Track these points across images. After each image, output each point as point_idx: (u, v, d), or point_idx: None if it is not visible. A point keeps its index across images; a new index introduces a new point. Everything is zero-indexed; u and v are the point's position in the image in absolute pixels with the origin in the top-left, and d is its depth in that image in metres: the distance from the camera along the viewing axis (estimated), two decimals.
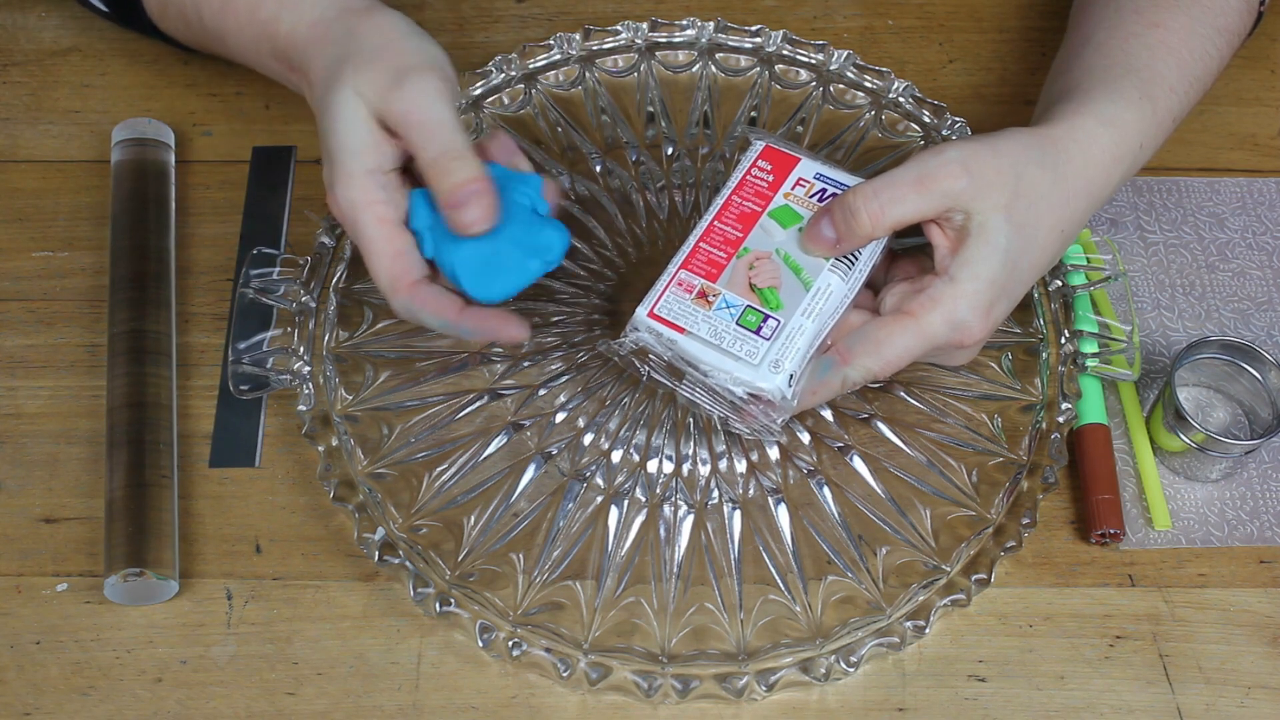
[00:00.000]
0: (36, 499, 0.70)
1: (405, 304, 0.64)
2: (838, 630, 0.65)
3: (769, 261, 0.64)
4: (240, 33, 0.70)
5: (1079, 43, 0.71)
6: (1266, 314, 0.76)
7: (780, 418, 0.63)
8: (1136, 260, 0.78)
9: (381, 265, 0.63)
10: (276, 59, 0.69)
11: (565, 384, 0.71)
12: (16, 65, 0.84)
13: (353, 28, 0.65)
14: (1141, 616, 0.67)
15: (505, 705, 0.65)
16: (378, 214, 0.63)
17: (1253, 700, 0.65)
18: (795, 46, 0.80)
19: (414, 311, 0.64)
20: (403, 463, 0.69)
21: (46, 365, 0.74)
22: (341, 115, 0.63)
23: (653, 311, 0.64)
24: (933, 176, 0.61)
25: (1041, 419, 0.69)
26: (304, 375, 0.70)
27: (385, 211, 0.63)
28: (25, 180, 0.80)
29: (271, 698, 0.65)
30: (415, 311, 0.64)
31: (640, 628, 0.65)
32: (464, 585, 0.65)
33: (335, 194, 0.63)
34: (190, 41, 0.77)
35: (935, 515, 0.68)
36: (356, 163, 0.63)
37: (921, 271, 0.65)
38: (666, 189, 0.78)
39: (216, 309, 0.76)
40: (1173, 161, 0.80)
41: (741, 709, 0.65)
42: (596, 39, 0.80)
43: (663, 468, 0.69)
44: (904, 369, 0.63)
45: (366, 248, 0.63)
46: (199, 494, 0.70)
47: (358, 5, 0.67)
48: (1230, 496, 0.71)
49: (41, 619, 0.67)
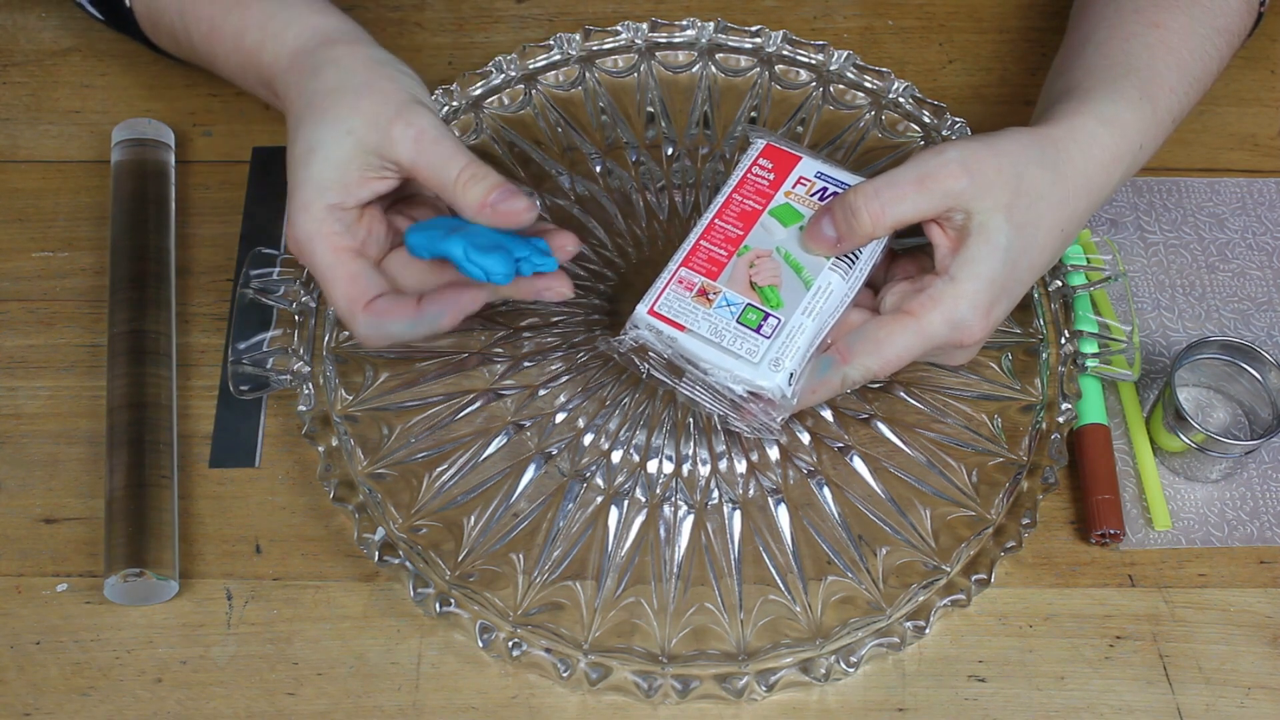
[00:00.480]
0: (36, 499, 0.70)
1: (366, 323, 0.63)
2: (838, 630, 0.65)
3: (770, 260, 0.64)
4: (228, 58, 0.71)
5: (1079, 42, 0.71)
6: (1266, 314, 0.76)
7: (780, 416, 0.63)
8: (1136, 260, 0.78)
9: (338, 290, 0.63)
10: (262, 85, 0.70)
11: (565, 384, 0.71)
12: (16, 65, 0.84)
13: (335, 59, 0.65)
14: (1141, 617, 0.67)
15: (505, 705, 0.65)
16: (333, 244, 0.63)
17: (1253, 700, 0.65)
18: (795, 47, 0.80)
19: (377, 325, 0.63)
20: (403, 463, 0.68)
21: (46, 365, 0.74)
22: (320, 150, 0.63)
23: (653, 309, 0.64)
24: (934, 176, 0.61)
25: (1041, 419, 0.69)
26: (304, 375, 0.70)
27: (340, 241, 0.63)
28: (25, 180, 0.80)
29: (271, 698, 0.65)
30: (378, 325, 0.63)
31: (640, 628, 0.65)
32: (464, 585, 0.65)
33: (293, 225, 0.63)
34: (181, 58, 0.77)
35: (935, 515, 0.68)
36: (320, 198, 0.63)
37: (921, 271, 0.65)
38: (666, 189, 0.78)
39: (216, 309, 0.76)
40: (1173, 161, 0.80)
41: (741, 709, 0.65)
42: (596, 39, 0.80)
43: (663, 468, 0.69)
44: (904, 369, 0.63)
45: (322, 275, 0.63)
46: (199, 494, 0.70)
47: (335, 35, 0.67)
48: (1230, 497, 0.71)
49: (41, 619, 0.67)
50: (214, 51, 0.72)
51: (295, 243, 0.64)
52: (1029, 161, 0.63)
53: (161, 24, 0.74)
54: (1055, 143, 0.64)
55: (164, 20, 0.74)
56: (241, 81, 0.72)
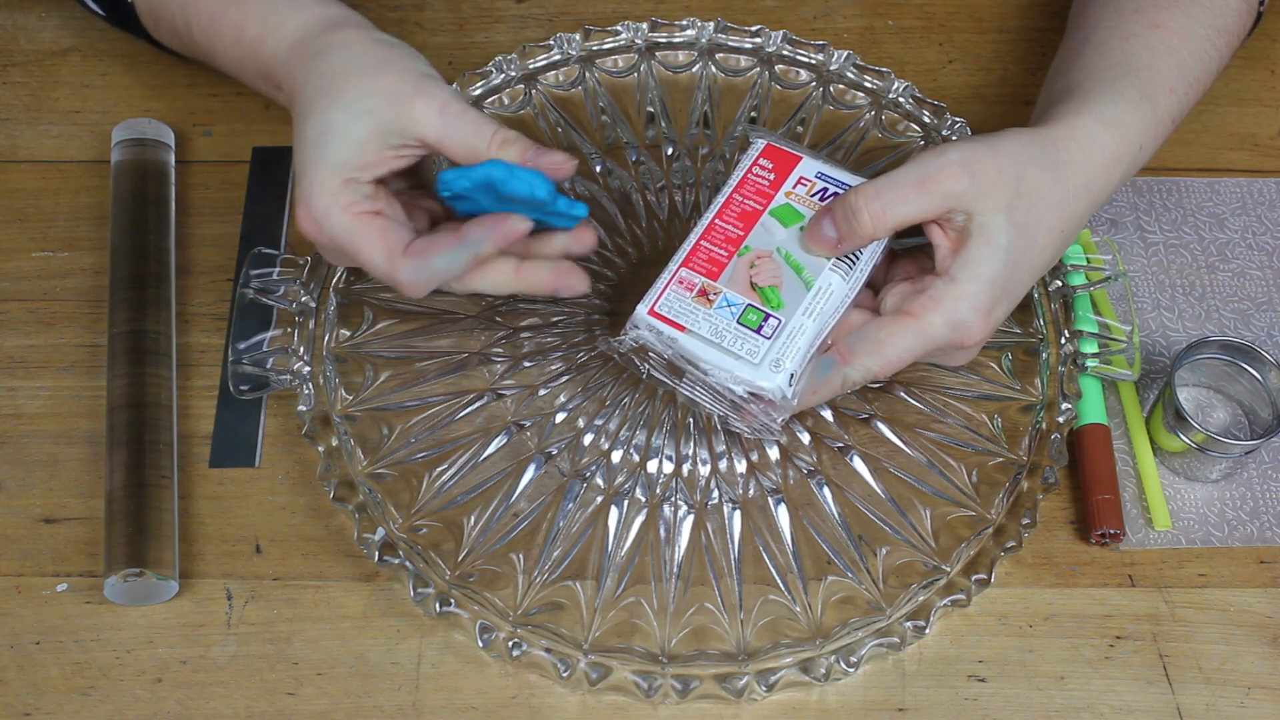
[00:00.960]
0: (36, 499, 0.70)
1: (409, 268, 0.62)
2: (838, 630, 0.65)
3: (770, 260, 0.64)
4: (228, 51, 0.71)
5: (1079, 43, 0.71)
6: (1266, 314, 0.76)
7: (780, 417, 0.63)
8: (1136, 260, 0.78)
9: (372, 246, 0.62)
10: (263, 79, 0.70)
11: (565, 384, 0.71)
12: (16, 65, 0.84)
13: (341, 43, 0.65)
14: (1141, 617, 0.67)
15: (505, 705, 0.65)
16: (352, 211, 0.62)
17: (1253, 700, 0.65)
18: (795, 47, 0.80)
19: (422, 266, 0.62)
20: (403, 463, 0.68)
21: (46, 365, 0.74)
22: (337, 130, 0.62)
23: (653, 309, 0.64)
24: (934, 178, 0.61)
25: (1041, 419, 0.69)
26: (304, 375, 0.70)
27: (359, 207, 0.62)
28: (25, 180, 0.80)
29: (271, 698, 0.65)
30: (422, 265, 0.62)
31: (640, 628, 0.65)
32: (464, 585, 0.65)
33: (307, 205, 0.62)
34: (183, 53, 0.77)
35: (935, 515, 0.68)
36: (336, 174, 0.62)
37: (921, 271, 0.65)
38: (666, 189, 0.78)
39: (216, 309, 0.75)
40: (1173, 161, 0.80)
41: (741, 709, 0.65)
42: (596, 39, 0.80)
43: (663, 468, 0.69)
44: (904, 369, 0.63)
45: (349, 240, 0.62)
46: (199, 494, 0.70)
47: (339, 21, 0.67)
48: (1230, 496, 0.71)
49: (41, 619, 0.67)
50: (214, 45, 0.71)
51: (312, 220, 0.62)
52: (1029, 162, 0.63)
53: (162, 18, 0.74)
54: (1056, 143, 0.64)
55: (165, 14, 0.74)
56: (242, 75, 0.72)
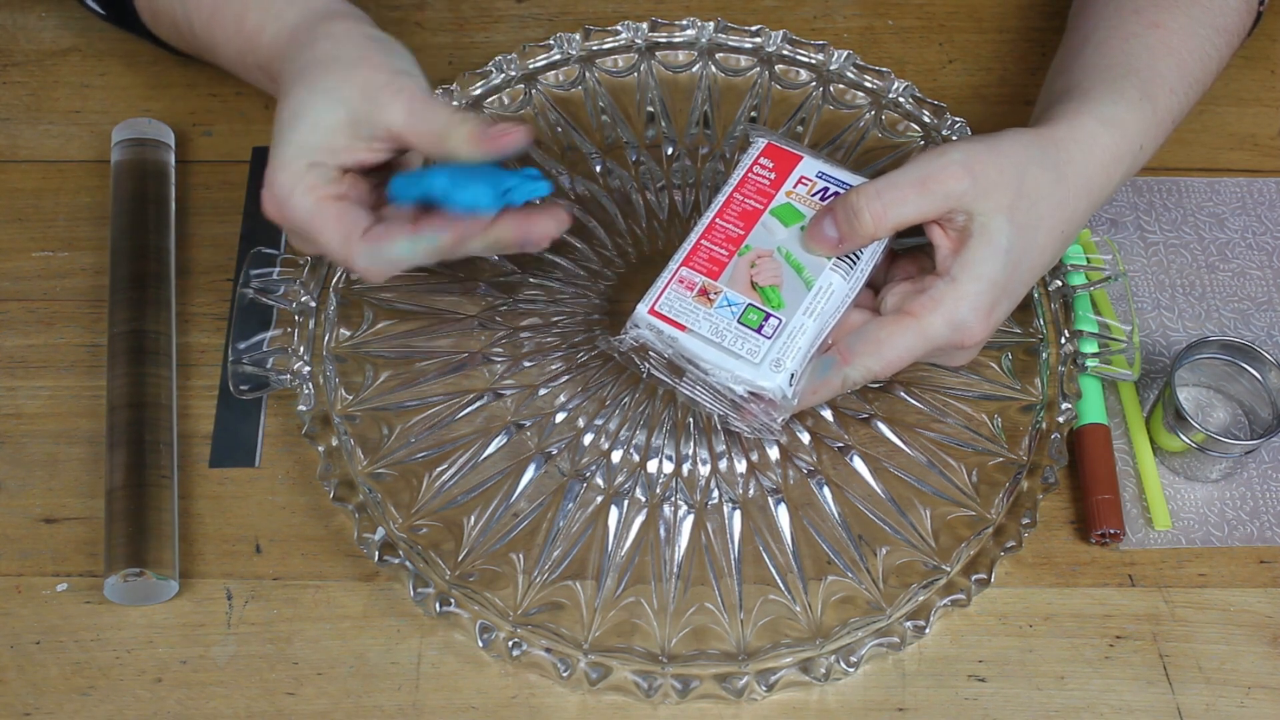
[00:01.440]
0: (36, 499, 0.70)
1: (365, 253, 0.62)
2: (838, 630, 0.65)
3: (771, 260, 0.64)
4: (228, 44, 0.71)
5: (1079, 43, 0.71)
6: (1266, 314, 0.76)
7: (781, 416, 0.63)
8: (1136, 260, 0.78)
9: (329, 228, 0.62)
10: (261, 69, 0.70)
11: (565, 384, 0.71)
12: (16, 65, 0.84)
13: (331, 33, 0.65)
14: (1141, 616, 0.67)
15: (505, 705, 0.65)
16: (315, 194, 0.62)
17: (1253, 700, 0.65)
18: (795, 46, 0.80)
19: (377, 251, 0.63)
20: (403, 463, 0.68)
21: (46, 365, 0.74)
22: (309, 114, 0.63)
23: (653, 309, 0.64)
24: (935, 178, 0.61)
25: (1041, 419, 0.69)
26: (304, 375, 0.70)
27: (322, 190, 0.62)
28: (25, 180, 0.80)
29: (271, 698, 0.65)
30: (378, 251, 0.63)
31: (640, 628, 0.65)
32: (464, 585, 0.65)
33: (272, 184, 0.62)
34: (183, 49, 0.77)
35: (935, 515, 0.68)
36: (302, 156, 0.62)
37: (922, 271, 0.65)
38: (666, 189, 0.78)
39: (216, 309, 0.75)
40: (1173, 161, 0.80)
41: (741, 709, 0.65)
42: (596, 39, 0.80)
43: (663, 468, 0.69)
44: (904, 369, 0.63)
45: (308, 222, 0.62)
46: (199, 494, 0.70)
47: (336, 11, 0.67)
48: (1230, 496, 0.71)
49: (41, 619, 0.67)
50: (214, 37, 0.71)
51: (275, 201, 0.63)
52: (1030, 162, 0.63)
53: (162, 13, 0.74)
54: (1056, 143, 0.64)
55: (164, 9, 0.74)
56: (241, 68, 0.72)
